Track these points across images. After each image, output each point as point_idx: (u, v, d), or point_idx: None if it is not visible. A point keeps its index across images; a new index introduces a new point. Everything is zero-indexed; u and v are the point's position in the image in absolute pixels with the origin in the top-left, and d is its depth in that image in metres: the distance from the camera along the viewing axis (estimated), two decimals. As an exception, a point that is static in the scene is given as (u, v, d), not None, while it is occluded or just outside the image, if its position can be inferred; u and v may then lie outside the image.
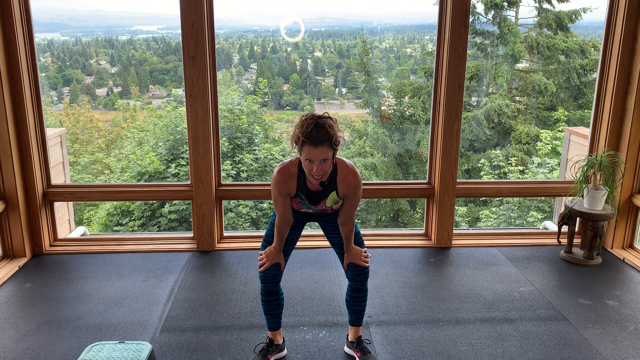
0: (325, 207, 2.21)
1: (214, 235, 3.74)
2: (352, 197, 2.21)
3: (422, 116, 11.47)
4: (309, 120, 2.03)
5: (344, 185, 2.18)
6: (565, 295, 3.16)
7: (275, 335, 2.51)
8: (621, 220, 3.76)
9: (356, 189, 2.19)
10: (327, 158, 2.03)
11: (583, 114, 11.45)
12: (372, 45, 13.35)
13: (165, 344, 2.63)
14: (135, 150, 9.85)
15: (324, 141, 2.00)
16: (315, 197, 2.20)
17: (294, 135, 2.05)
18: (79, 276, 3.37)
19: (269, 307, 2.43)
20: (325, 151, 2.02)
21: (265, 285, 2.38)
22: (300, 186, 2.19)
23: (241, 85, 14.09)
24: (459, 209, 10.29)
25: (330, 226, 2.37)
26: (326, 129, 2.02)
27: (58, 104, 14.66)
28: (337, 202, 2.21)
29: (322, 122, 2.02)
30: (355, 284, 2.41)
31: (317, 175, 2.06)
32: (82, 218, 10.18)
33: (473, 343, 2.66)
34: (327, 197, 2.19)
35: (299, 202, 2.23)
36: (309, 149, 2.01)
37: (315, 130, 2.00)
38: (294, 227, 2.38)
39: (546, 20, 11.88)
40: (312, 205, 2.20)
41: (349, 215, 2.24)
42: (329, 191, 2.18)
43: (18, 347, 2.59)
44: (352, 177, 2.18)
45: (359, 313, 2.49)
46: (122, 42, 16.04)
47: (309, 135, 2.00)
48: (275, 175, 2.19)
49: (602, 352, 2.59)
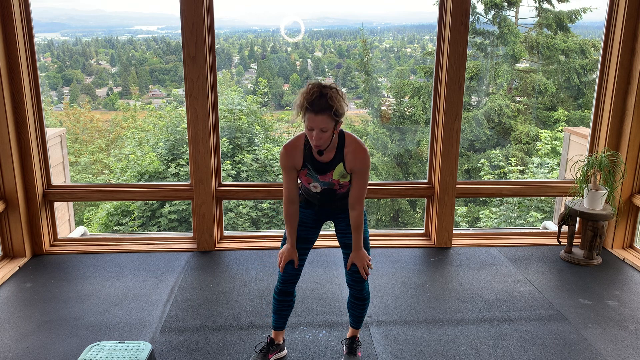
0: (333, 180, 2.22)
1: (214, 235, 3.74)
2: (360, 173, 2.21)
3: (422, 116, 11.47)
4: (314, 88, 2.04)
5: (350, 158, 2.19)
6: (565, 295, 3.17)
7: (277, 335, 2.51)
8: (621, 220, 3.77)
9: (363, 163, 2.19)
10: (326, 128, 2.05)
11: (583, 114, 11.45)
12: (372, 45, 13.35)
13: (165, 344, 2.64)
14: (135, 150, 9.85)
15: (325, 110, 2.02)
16: (322, 167, 2.21)
17: (300, 103, 2.07)
18: (79, 276, 3.37)
19: (279, 306, 2.44)
20: (325, 120, 2.03)
21: (282, 286, 2.39)
22: (306, 156, 2.22)
23: (241, 85, 14.10)
24: (459, 209, 10.29)
25: (344, 225, 2.38)
26: (329, 99, 2.03)
27: (58, 104, 14.67)
28: (345, 177, 2.21)
29: (326, 91, 2.03)
30: (354, 291, 2.41)
31: (316, 143, 2.09)
32: (82, 218, 10.19)
33: (473, 343, 2.66)
34: (334, 168, 2.20)
35: (307, 174, 2.25)
36: (310, 116, 2.03)
37: (318, 98, 2.03)
38: (310, 225, 2.39)
39: (546, 20, 11.88)
40: (319, 176, 2.22)
41: (357, 195, 2.24)
42: (336, 162, 2.20)
43: (18, 347, 2.59)
44: (360, 150, 2.19)
45: (358, 318, 2.50)
46: (122, 42, 16.05)
47: (312, 103, 2.02)
48: (281, 150, 2.24)
49: (602, 352, 2.59)
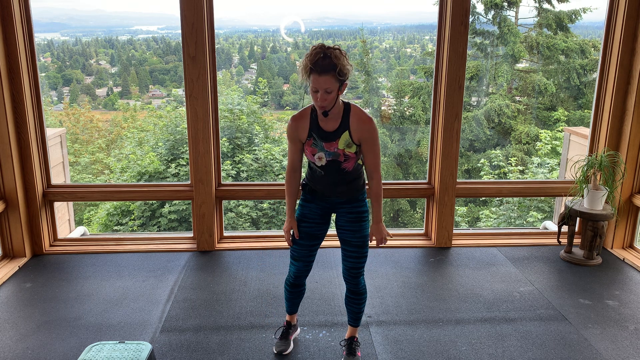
0: (338, 150, 2.23)
1: (214, 235, 3.74)
2: (370, 142, 2.23)
3: (422, 116, 11.47)
4: (317, 49, 2.06)
5: (356, 126, 2.20)
6: (565, 295, 3.16)
7: (292, 317, 2.68)
8: (621, 220, 3.76)
9: (370, 131, 2.21)
10: (330, 89, 2.07)
11: (583, 114, 11.45)
12: (372, 45, 13.36)
13: (165, 344, 2.64)
14: (135, 150, 9.85)
15: (329, 70, 2.04)
16: (327, 136, 2.23)
17: (304, 65, 2.09)
18: (79, 276, 3.37)
19: (292, 296, 2.58)
20: (329, 81, 2.05)
21: (294, 279, 2.51)
22: (312, 124, 2.24)
23: (241, 85, 14.10)
24: (459, 209, 10.29)
25: (343, 221, 2.39)
26: (332, 59, 2.05)
27: (58, 104, 14.67)
28: (350, 146, 2.22)
29: (329, 52, 2.06)
30: (350, 285, 2.46)
31: (321, 104, 2.11)
32: (82, 218, 10.18)
33: (473, 343, 2.66)
34: (340, 137, 2.21)
35: (312, 144, 2.26)
36: (315, 77, 2.06)
37: (322, 59, 2.05)
38: (315, 221, 2.41)
39: (546, 20, 11.89)
40: (324, 144, 2.23)
41: (373, 163, 2.28)
42: (341, 131, 2.21)
43: (18, 347, 2.59)
44: (365, 118, 2.21)
45: (355, 314, 2.52)
46: (122, 42, 16.05)
47: (315, 64, 2.04)
48: (289, 121, 2.29)
49: (602, 352, 2.59)
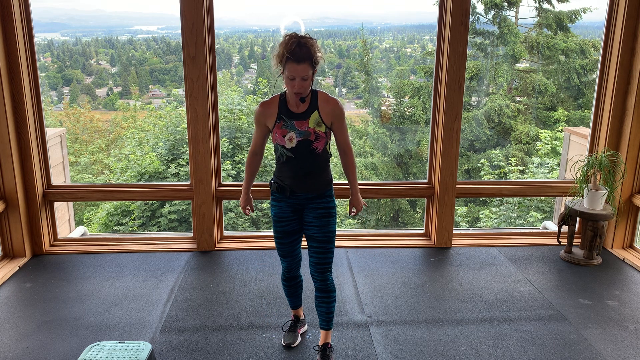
0: (309, 129, 2.28)
1: (214, 235, 3.74)
2: (338, 120, 2.31)
3: (422, 116, 11.46)
4: (292, 38, 2.12)
5: (324, 105, 2.28)
6: (565, 295, 3.16)
7: (298, 312, 2.71)
8: (621, 220, 3.76)
9: (338, 108, 2.30)
10: (307, 76, 2.15)
11: (583, 114, 11.45)
12: (372, 45, 13.34)
13: (165, 344, 2.64)
14: (135, 150, 9.84)
15: (306, 59, 2.12)
16: (297, 116, 2.29)
17: (279, 54, 2.15)
18: (79, 276, 3.37)
19: (291, 290, 2.61)
20: (306, 69, 2.13)
21: (288, 273, 2.56)
22: (281, 108, 2.29)
23: (241, 85, 14.09)
24: (459, 209, 10.29)
25: (311, 217, 2.38)
26: (308, 48, 2.13)
27: (58, 104, 14.66)
28: (320, 125, 2.28)
29: (305, 41, 2.13)
30: (317, 282, 2.42)
31: (298, 90, 2.17)
32: (82, 218, 10.18)
33: (473, 343, 2.66)
34: (310, 117, 2.28)
35: (282, 126, 2.29)
36: (292, 65, 2.12)
37: (298, 48, 2.11)
38: (289, 218, 2.41)
39: (546, 20, 11.88)
40: (295, 122, 2.28)
41: (343, 139, 2.37)
42: (311, 111, 2.28)
43: (18, 347, 2.59)
44: (332, 98, 2.31)
45: (326, 316, 2.47)
46: (122, 42, 16.04)
47: (292, 52, 2.10)
48: (257, 107, 2.35)
49: (602, 352, 2.59)
